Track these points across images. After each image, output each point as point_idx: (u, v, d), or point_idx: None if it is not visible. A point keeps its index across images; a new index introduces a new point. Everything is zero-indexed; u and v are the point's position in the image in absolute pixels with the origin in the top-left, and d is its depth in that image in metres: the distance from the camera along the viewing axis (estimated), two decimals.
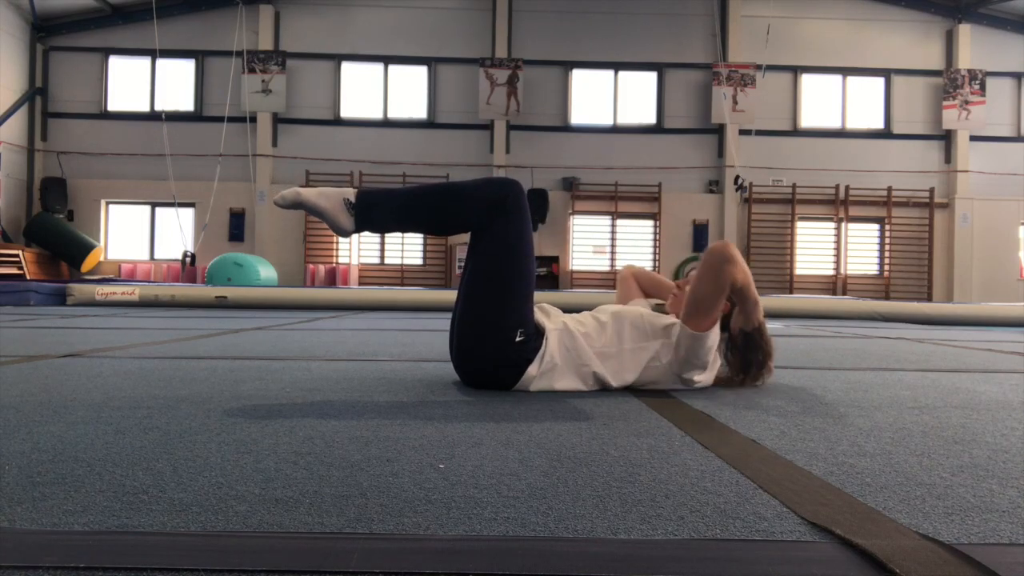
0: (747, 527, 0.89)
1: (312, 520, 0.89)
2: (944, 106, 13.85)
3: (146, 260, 14.02)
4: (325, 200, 1.93)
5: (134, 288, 8.70)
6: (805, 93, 14.21)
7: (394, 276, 13.89)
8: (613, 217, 13.89)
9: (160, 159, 13.18)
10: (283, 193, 1.93)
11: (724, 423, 1.59)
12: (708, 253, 1.96)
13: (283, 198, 1.93)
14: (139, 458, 1.19)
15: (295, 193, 1.93)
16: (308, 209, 1.93)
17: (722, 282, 1.92)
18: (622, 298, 2.47)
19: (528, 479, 1.10)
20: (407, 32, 13.98)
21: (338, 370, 2.45)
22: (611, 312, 2.08)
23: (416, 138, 13.96)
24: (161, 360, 2.70)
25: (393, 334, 4.34)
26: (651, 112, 14.14)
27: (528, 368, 1.96)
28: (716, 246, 1.95)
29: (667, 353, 2.02)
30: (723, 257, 1.92)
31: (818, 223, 14.06)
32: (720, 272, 1.91)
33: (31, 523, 0.86)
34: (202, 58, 13.92)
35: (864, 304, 8.62)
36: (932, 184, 13.93)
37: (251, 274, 11.14)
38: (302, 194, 1.93)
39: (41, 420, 1.50)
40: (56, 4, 13.35)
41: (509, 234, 1.96)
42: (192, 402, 1.75)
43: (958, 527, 0.90)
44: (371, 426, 1.49)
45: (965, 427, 1.59)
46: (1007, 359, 3.36)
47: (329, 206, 1.92)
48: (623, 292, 2.48)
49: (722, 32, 13.95)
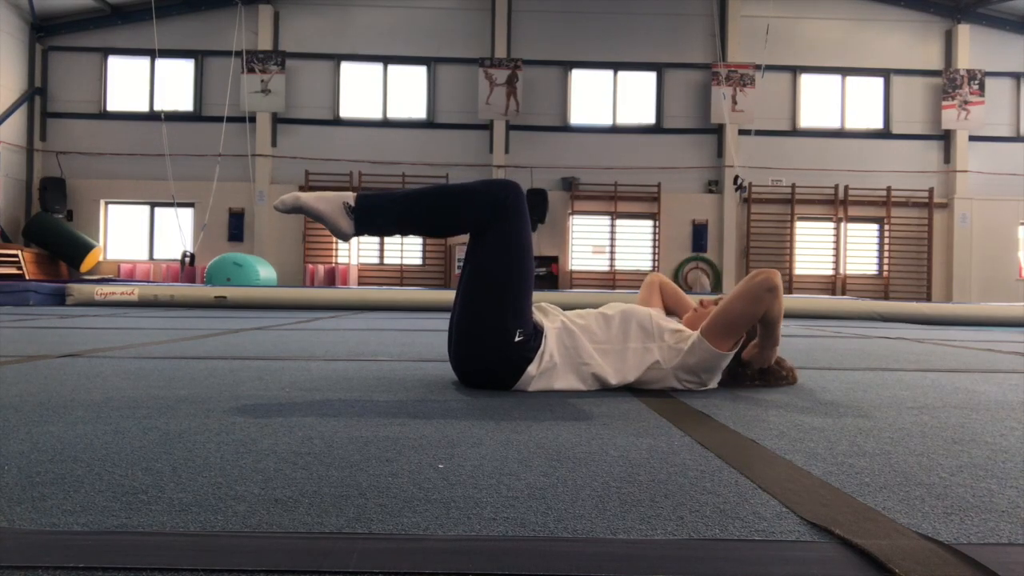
0: (746, 527, 0.89)
1: (311, 520, 0.89)
2: (943, 106, 13.86)
3: (145, 260, 14.01)
4: (324, 204, 1.92)
5: (133, 288, 8.69)
6: (804, 93, 14.21)
7: (393, 276, 13.89)
8: (612, 217, 13.89)
9: (159, 159, 13.18)
10: (283, 198, 1.93)
11: (724, 423, 1.59)
12: (754, 275, 1.94)
13: (283, 203, 1.92)
14: (138, 458, 1.19)
15: (294, 198, 1.93)
16: (307, 213, 1.93)
17: (758, 308, 1.92)
18: (644, 301, 2.45)
19: (527, 479, 1.10)
20: (406, 32, 13.98)
21: (337, 370, 2.45)
22: (621, 309, 2.08)
23: (415, 138, 13.96)
24: (160, 360, 2.70)
25: (392, 334, 4.34)
26: (650, 112, 14.14)
27: (528, 368, 1.96)
28: (764, 272, 1.94)
29: (672, 357, 2.01)
30: (768, 285, 1.91)
31: (817, 223, 14.07)
32: (760, 298, 1.91)
33: (30, 523, 0.86)
34: (201, 58, 13.92)
35: (863, 304, 8.62)
36: (931, 184, 13.94)
37: (250, 274, 11.14)
38: (301, 198, 1.92)
39: (40, 420, 1.49)
40: (55, 4, 13.34)
41: (508, 235, 1.96)
42: (191, 402, 1.75)
43: (957, 527, 0.90)
44: (370, 426, 1.49)
45: (964, 427, 1.59)
46: (1006, 359, 3.37)
47: (328, 210, 1.92)
48: (646, 296, 2.47)
49: (721, 32, 13.96)
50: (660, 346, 2.02)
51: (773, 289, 1.91)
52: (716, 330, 1.95)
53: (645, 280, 2.53)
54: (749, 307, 1.92)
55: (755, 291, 1.92)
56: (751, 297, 1.92)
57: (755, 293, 1.91)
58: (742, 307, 1.93)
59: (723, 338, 1.95)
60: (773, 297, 1.91)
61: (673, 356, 2.01)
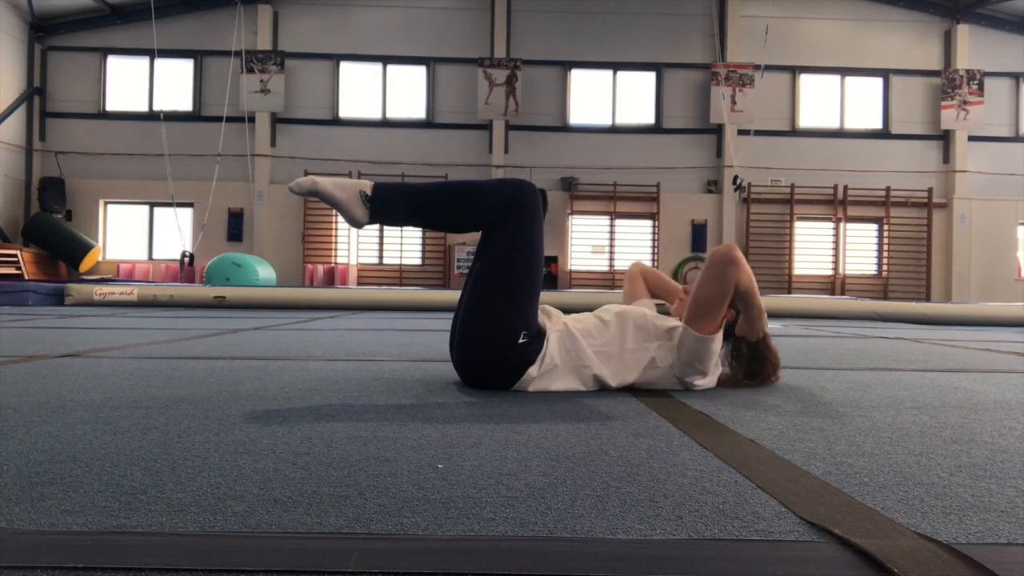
0: (746, 527, 0.89)
1: (310, 520, 0.89)
2: (942, 106, 13.87)
3: (144, 260, 14.01)
4: (341, 191, 1.91)
5: (132, 288, 8.69)
6: (803, 93, 14.22)
7: (393, 276, 13.89)
8: (612, 217, 13.89)
9: (158, 159, 13.17)
10: (299, 180, 1.91)
11: (723, 423, 1.59)
12: (711, 255, 1.96)
13: (299, 185, 1.91)
14: (137, 458, 1.19)
15: (311, 182, 1.91)
16: (323, 198, 1.91)
17: (725, 284, 1.92)
18: (629, 295, 2.47)
19: (527, 479, 1.10)
20: (406, 32, 13.98)
21: (337, 370, 2.45)
22: (615, 312, 2.08)
23: (415, 138, 13.96)
24: (160, 360, 2.70)
25: (392, 334, 4.34)
26: (650, 112, 14.14)
27: (528, 369, 1.96)
28: (720, 248, 1.96)
29: (669, 355, 2.02)
30: (726, 259, 1.92)
31: (816, 223, 14.08)
32: (723, 274, 1.92)
33: (29, 523, 0.86)
34: (200, 58, 13.91)
35: (862, 304, 8.62)
36: (930, 184, 13.95)
37: (249, 274, 11.14)
38: (319, 183, 1.91)
39: (39, 420, 1.49)
40: (54, 4, 13.34)
41: (521, 236, 1.95)
42: (190, 402, 1.74)
43: (956, 527, 0.90)
44: (369, 426, 1.49)
45: (963, 427, 1.59)
46: (1005, 359, 3.37)
47: (345, 198, 1.91)
48: (630, 289, 2.48)
49: (721, 32, 13.96)
50: (657, 345, 2.03)
51: (733, 261, 1.92)
52: (695, 316, 1.96)
53: (627, 273, 2.53)
54: (717, 284, 1.93)
55: (716, 268, 1.93)
56: (714, 275, 1.93)
57: (717, 270, 1.93)
58: (710, 287, 1.94)
59: (704, 321, 1.95)
60: (736, 268, 1.92)
61: (668, 353, 2.01)
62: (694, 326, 1.95)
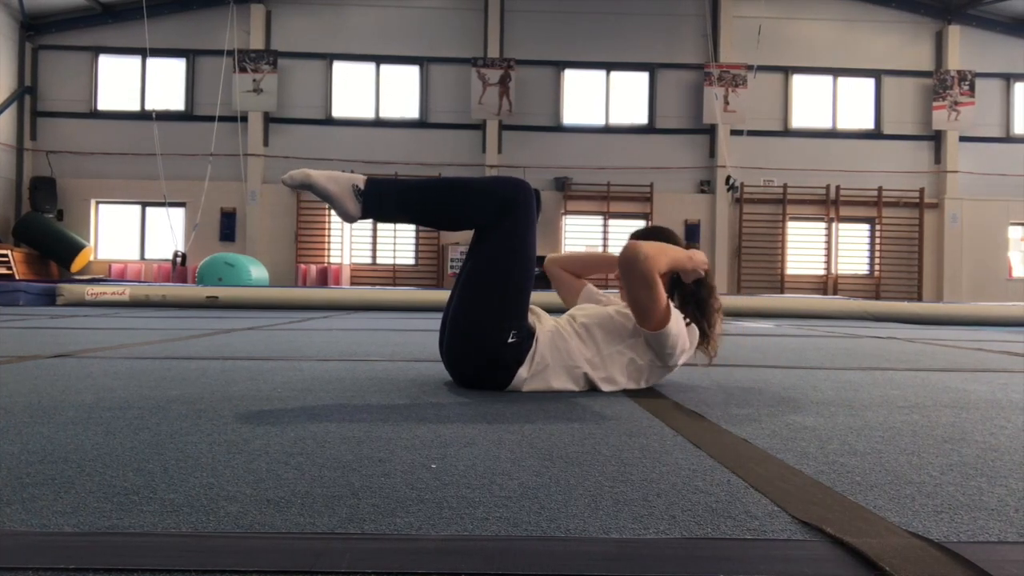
0: (738, 526, 0.89)
1: (304, 520, 0.88)
2: (934, 107, 13.94)
3: (136, 260, 13.95)
4: (334, 184, 1.90)
5: (124, 288, 8.65)
6: (796, 94, 14.27)
7: (386, 276, 13.87)
8: (605, 217, 13.91)
9: (150, 158, 13.11)
10: (291, 173, 1.90)
11: (715, 422, 1.60)
12: (620, 263, 1.89)
13: (291, 178, 1.90)
14: (130, 459, 1.18)
15: (304, 175, 1.90)
16: (315, 191, 1.90)
17: (648, 280, 1.86)
18: (566, 294, 2.42)
19: (520, 479, 1.10)
20: (399, 32, 13.97)
21: (330, 370, 2.44)
22: (580, 323, 2.04)
23: (408, 138, 13.95)
24: (152, 360, 2.69)
25: (385, 334, 4.33)
26: (643, 112, 14.17)
27: (519, 370, 1.95)
28: (622, 253, 1.89)
29: (644, 353, 2.01)
30: (633, 259, 1.86)
31: (809, 223, 14.13)
32: (638, 271, 1.86)
33: (21, 524, 0.85)
34: (193, 57, 13.87)
35: (855, 304, 8.66)
36: (922, 184, 14.02)
37: (242, 274, 11.10)
38: (311, 176, 1.90)
39: (31, 421, 1.49)
40: (45, 2, 13.27)
41: (515, 235, 1.94)
42: (183, 403, 1.74)
43: (947, 525, 0.90)
44: (363, 426, 1.49)
45: (955, 426, 1.60)
46: (996, 358, 3.39)
47: (338, 191, 1.90)
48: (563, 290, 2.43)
49: (713, 33, 14.00)
50: (629, 344, 2.00)
51: (636, 256, 1.85)
52: (642, 319, 1.92)
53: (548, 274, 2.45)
54: (640, 283, 1.86)
55: (631, 274, 1.87)
56: (635, 279, 1.87)
57: (634, 273, 1.86)
58: (637, 290, 1.88)
59: (651, 318, 1.91)
60: (646, 262, 1.85)
61: (643, 351, 2.00)
62: (647, 326, 1.93)
